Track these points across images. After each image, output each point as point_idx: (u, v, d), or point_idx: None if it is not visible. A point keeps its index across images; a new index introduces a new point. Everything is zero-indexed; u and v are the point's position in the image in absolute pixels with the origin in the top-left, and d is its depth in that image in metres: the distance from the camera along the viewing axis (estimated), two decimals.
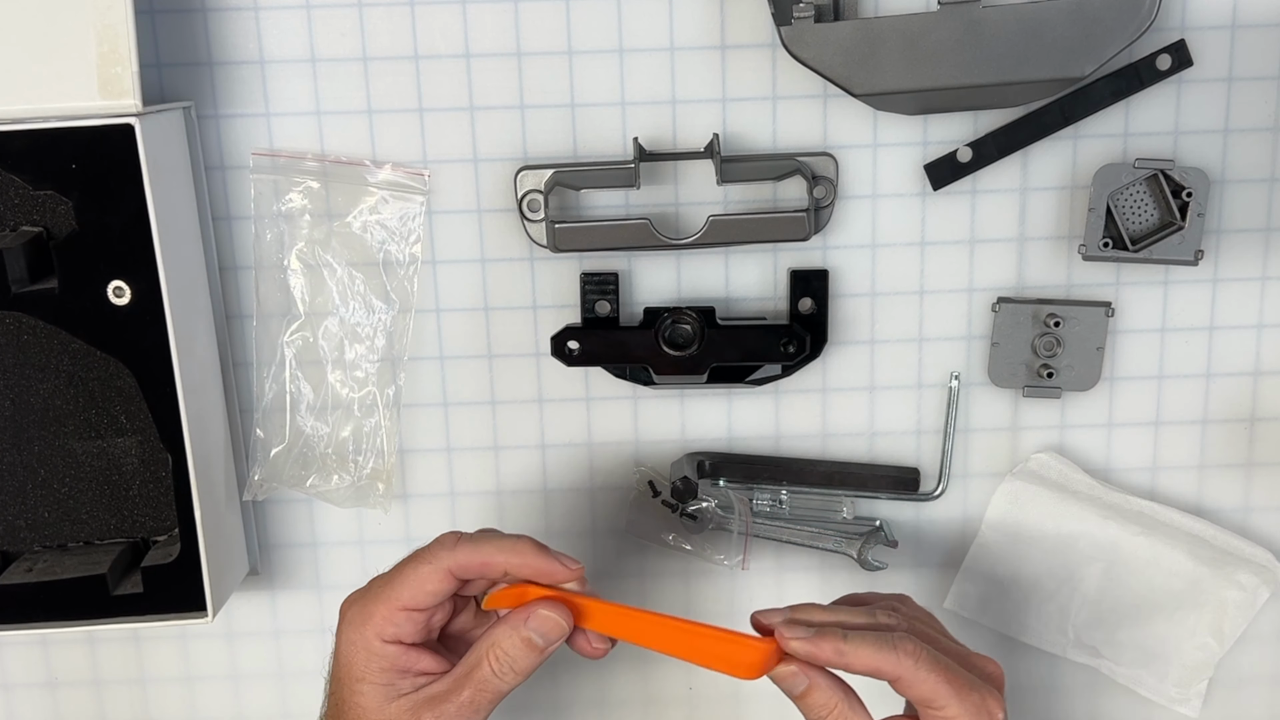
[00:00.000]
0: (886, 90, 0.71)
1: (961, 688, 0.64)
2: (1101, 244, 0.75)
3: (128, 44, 0.67)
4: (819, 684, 0.65)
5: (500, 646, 0.64)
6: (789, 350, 0.77)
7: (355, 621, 0.65)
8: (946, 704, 0.64)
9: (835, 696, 0.65)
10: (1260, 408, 0.81)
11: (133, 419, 0.76)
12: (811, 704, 0.65)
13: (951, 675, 0.64)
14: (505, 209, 0.77)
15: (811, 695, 0.65)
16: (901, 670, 0.64)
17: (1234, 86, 0.76)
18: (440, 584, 0.64)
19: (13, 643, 0.85)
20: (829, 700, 0.65)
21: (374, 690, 0.64)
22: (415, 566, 0.65)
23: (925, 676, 0.63)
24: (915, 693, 0.64)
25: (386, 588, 0.65)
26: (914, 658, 0.64)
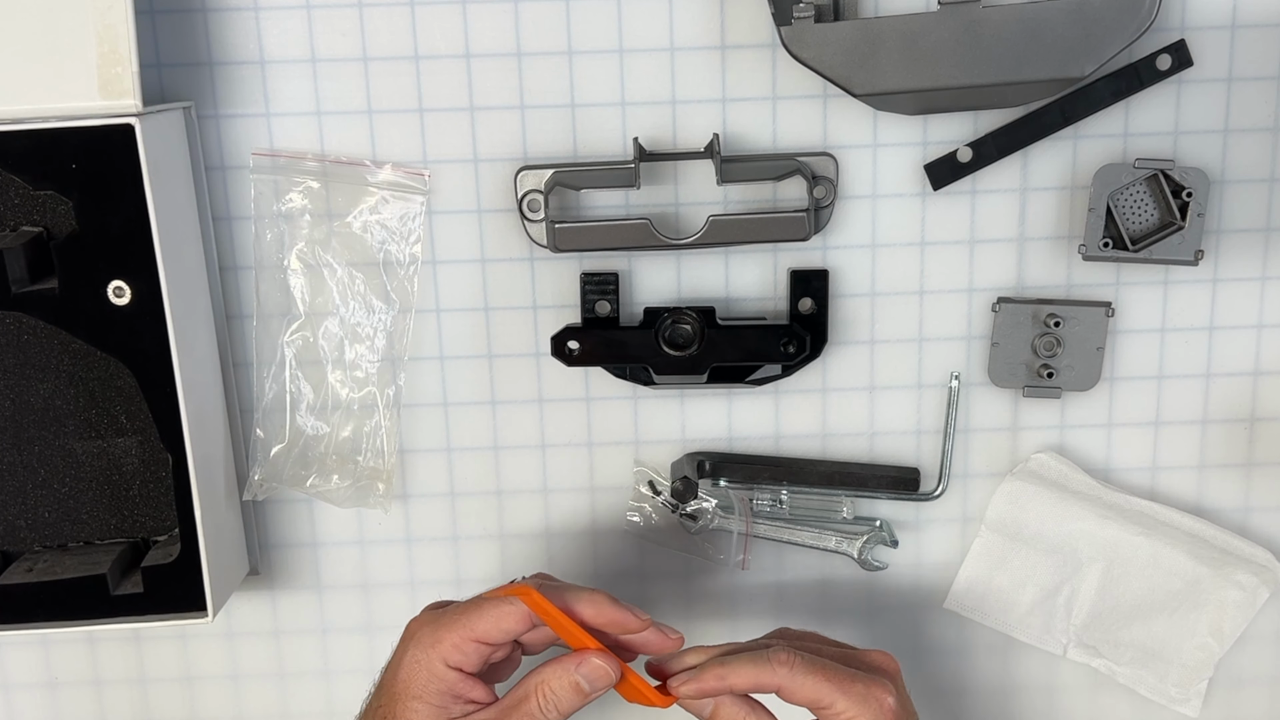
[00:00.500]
0: (886, 90, 0.71)
1: (844, 682, 0.67)
2: (1101, 244, 0.75)
3: (128, 44, 0.67)
4: (723, 702, 0.68)
5: (549, 685, 0.66)
6: (789, 350, 0.77)
7: (424, 643, 0.67)
8: (833, 701, 0.66)
9: (741, 710, 0.68)
10: (1260, 408, 0.81)
11: (133, 419, 0.76)
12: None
13: (831, 673, 0.67)
14: (505, 209, 0.77)
15: (719, 714, 0.68)
16: (780, 679, 0.66)
17: (1234, 86, 0.76)
18: (518, 624, 0.67)
19: (13, 643, 0.85)
20: (736, 713, 0.68)
21: (427, 710, 0.66)
22: (496, 605, 0.67)
23: (804, 680, 0.66)
24: (801, 697, 0.67)
25: (463, 617, 0.67)
26: (789, 665, 0.66)
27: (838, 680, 0.67)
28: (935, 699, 0.86)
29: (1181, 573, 0.80)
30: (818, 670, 0.67)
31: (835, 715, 0.66)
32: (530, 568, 0.83)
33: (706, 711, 0.69)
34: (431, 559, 0.83)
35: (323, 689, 0.86)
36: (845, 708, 0.66)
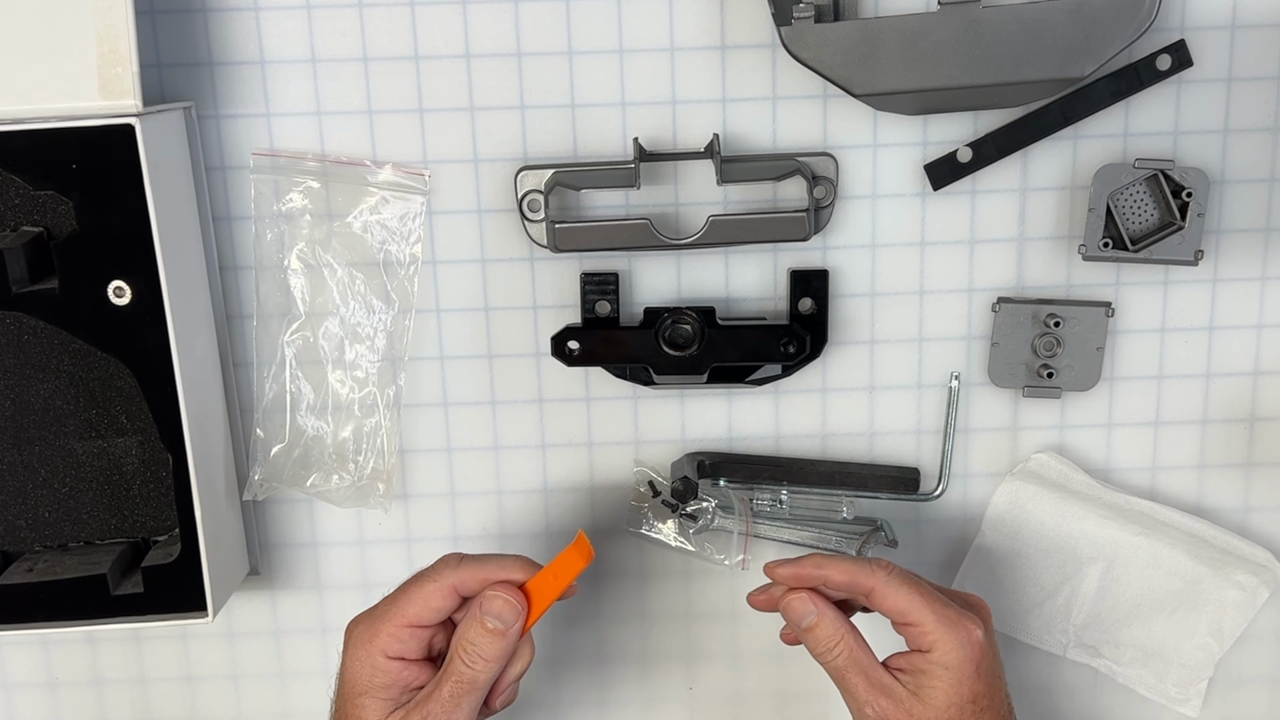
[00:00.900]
0: (886, 90, 0.71)
1: (937, 605, 0.68)
2: (1101, 244, 0.75)
3: (128, 44, 0.67)
4: (826, 616, 0.69)
5: (465, 638, 0.67)
6: (789, 350, 0.77)
7: (361, 639, 0.69)
8: (922, 619, 0.67)
9: (841, 629, 0.69)
10: (1260, 408, 0.81)
11: (133, 419, 0.76)
12: (818, 637, 0.69)
13: (927, 593, 0.68)
14: (505, 209, 0.77)
15: (819, 628, 0.69)
16: (875, 582, 0.68)
17: (1234, 87, 0.76)
18: (444, 600, 0.68)
19: (13, 643, 0.85)
20: (835, 633, 0.69)
21: (376, 705, 0.68)
22: (420, 585, 0.69)
23: (898, 589, 0.68)
24: (891, 605, 0.68)
25: (392, 606, 0.69)
26: (887, 572, 0.68)
27: (931, 601, 0.68)
28: None
29: (1181, 573, 0.80)
30: (914, 585, 0.68)
31: (923, 634, 0.67)
32: None
33: (806, 621, 0.69)
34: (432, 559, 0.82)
35: (323, 689, 0.85)
36: (932, 628, 0.67)
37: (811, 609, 0.70)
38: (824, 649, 0.69)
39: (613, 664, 0.85)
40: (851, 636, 0.69)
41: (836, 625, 0.69)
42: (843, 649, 0.69)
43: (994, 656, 0.69)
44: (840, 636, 0.69)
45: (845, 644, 0.69)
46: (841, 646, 0.69)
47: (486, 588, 0.68)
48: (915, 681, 0.68)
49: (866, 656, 0.69)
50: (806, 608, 0.70)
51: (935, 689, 0.67)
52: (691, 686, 0.86)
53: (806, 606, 0.70)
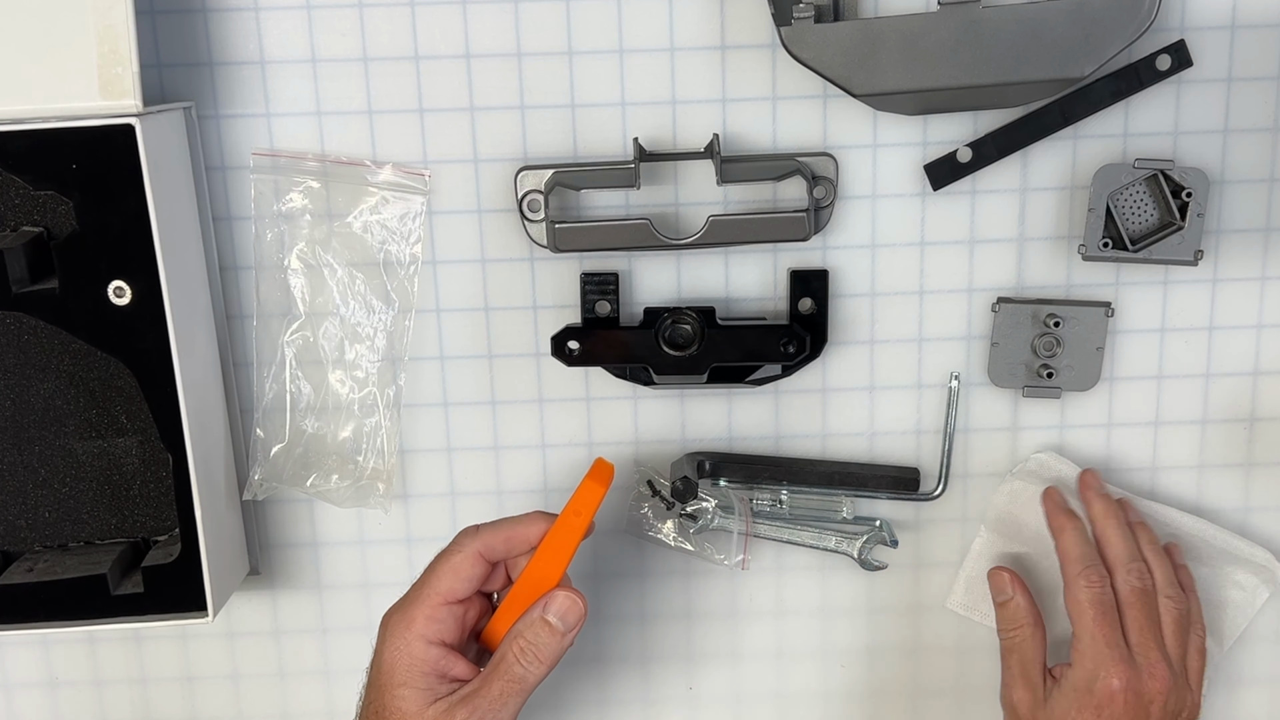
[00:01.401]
0: (886, 90, 0.71)
1: (1107, 633, 0.71)
2: (1101, 244, 0.75)
3: (128, 44, 0.67)
4: (1017, 601, 0.75)
5: (524, 636, 0.67)
6: (789, 350, 0.77)
7: (398, 629, 0.67)
8: (1080, 634, 0.72)
9: (1026, 618, 0.75)
10: (1259, 408, 0.81)
11: (133, 419, 0.76)
12: (1006, 614, 0.76)
13: (1109, 620, 0.72)
14: (505, 209, 0.77)
15: (1009, 607, 0.76)
16: (1076, 591, 0.73)
17: (1233, 87, 0.76)
18: (473, 568, 0.68)
19: (13, 642, 0.85)
20: (1018, 618, 0.75)
21: (414, 694, 0.66)
22: (446, 559, 0.69)
23: (1082, 601, 0.72)
24: (1069, 607, 0.73)
25: (424, 589, 0.68)
26: (1099, 581, 0.73)
27: (1104, 629, 0.71)
28: (935, 699, 0.86)
29: None
30: (1102, 611, 0.72)
31: (1074, 648, 0.72)
32: None
33: (1002, 597, 0.76)
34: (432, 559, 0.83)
35: (323, 689, 0.86)
36: (1083, 649, 0.71)
37: (1008, 589, 0.76)
38: (1006, 626, 0.76)
39: (613, 664, 0.85)
40: (1031, 627, 0.75)
41: (1024, 612, 0.75)
42: (1019, 635, 0.75)
43: (1126, 717, 0.70)
44: (1021, 623, 0.75)
45: (1023, 631, 0.75)
46: (1019, 632, 0.75)
47: (551, 590, 0.68)
48: (1052, 689, 0.72)
49: (1035, 649, 0.74)
50: (1004, 586, 0.76)
51: (1056, 704, 0.71)
52: (691, 686, 0.86)
53: (1004, 585, 0.76)
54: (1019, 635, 0.75)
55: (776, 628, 0.85)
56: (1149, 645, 0.71)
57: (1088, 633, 0.71)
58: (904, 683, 0.86)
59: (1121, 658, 0.70)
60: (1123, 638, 0.71)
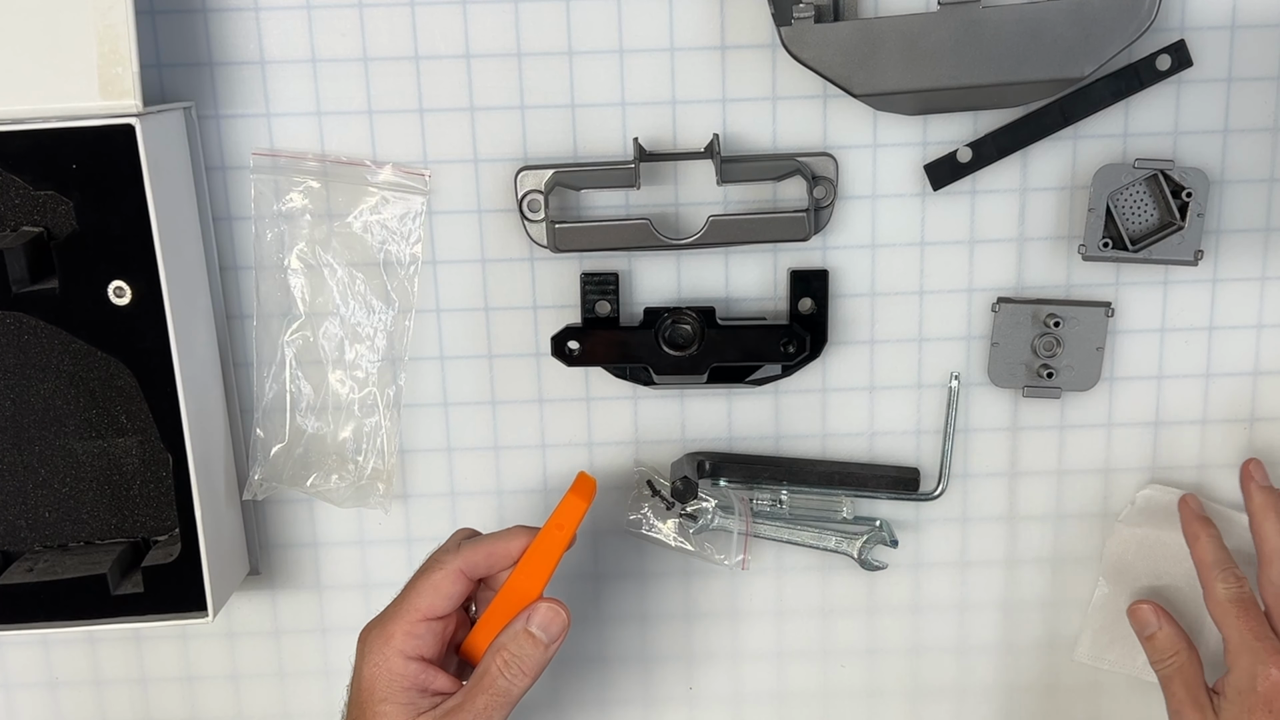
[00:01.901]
0: (886, 90, 0.71)
1: (1254, 627, 0.71)
2: (1101, 244, 0.75)
3: (128, 44, 0.67)
4: (1165, 629, 0.75)
5: (507, 649, 0.66)
6: (789, 350, 0.77)
7: (376, 644, 0.67)
8: (1228, 636, 0.71)
9: (1178, 644, 0.74)
10: (1260, 408, 0.81)
11: (133, 419, 0.76)
12: (1157, 646, 0.75)
13: (1253, 617, 0.71)
14: (505, 209, 0.77)
15: (1158, 639, 0.75)
16: (1216, 592, 0.72)
17: (1233, 87, 0.76)
18: (454, 585, 0.67)
19: (13, 643, 0.85)
20: (1171, 646, 0.74)
21: (396, 710, 0.65)
22: (427, 575, 0.68)
23: (1224, 595, 0.72)
24: (1211, 609, 0.73)
25: (403, 604, 0.67)
26: (1236, 581, 0.72)
27: (1250, 624, 0.71)
28: (934, 699, 0.86)
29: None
30: (1251, 615, 0.71)
31: (1227, 652, 0.71)
32: None
33: (1148, 631, 0.75)
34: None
35: (323, 689, 0.86)
36: (1234, 650, 0.71)
37: (1154, 621, 0.75)
38: (1159, 657, 0.75)
39: (613, 664, 0.85)
40: (1186, 651, 0.74)
41: (1174, 639, 0.75)
42: (1176, 660, 0.74)
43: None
44: (1175, 650, 0.74)
45: (1179, 657, 0.74)
46: (1175, 659, 0.74)
47: (534, 602, 0.67)
48: (1220, 704, 0.71)
49: (1194, 672, 0.73)
50: (1148, 619, 0.75)
51: (1227, 715, 0.70)
52: (691, 686, 0.86)
53: (1149, 618, 0.75)
54: (1176, 661, 0.74)
55: (776, 628, 0.85)
56: None
57: (1236, 632, 0.71)
58: (904, 683, 0.86)
59: (1275, 648, 0.70)
60: (1271, 630, 0.71)
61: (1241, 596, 0.72)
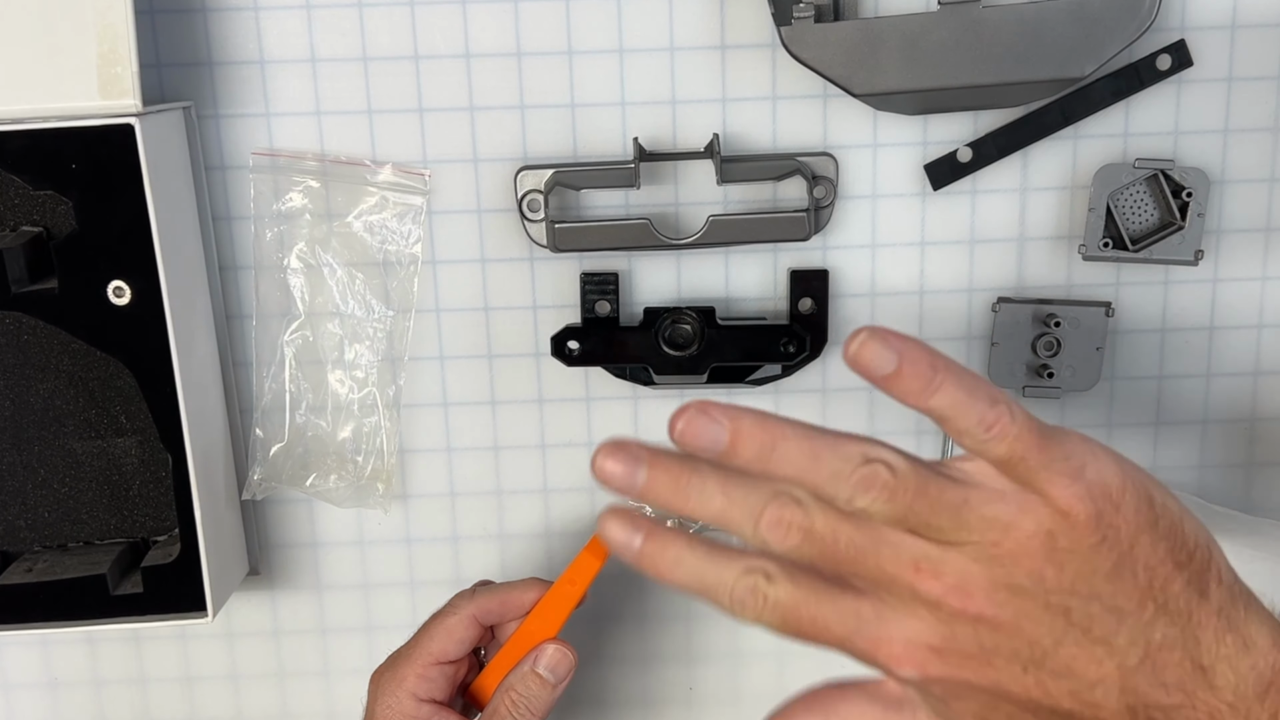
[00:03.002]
0: (886, 90, 0.71)
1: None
2: (1101, 244, 0.75)
3: (128, 44, 0.67)
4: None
5: (515, 690, 0.67)
6: (789, 350, 0.77)
7: (388, 687, 0.68)
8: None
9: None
10: (1260, 408, 0.81)
11: (133, 419, 0.76)
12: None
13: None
14: (505, 209, 0.77)
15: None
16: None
17: (1234, 86, 0.76)
18: (467, 630, 0.68)
19: (12, 643, 0.85)
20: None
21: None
22: (440, 620, 0.69)
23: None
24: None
25: (416, 647, 0.68)
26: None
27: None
28: None
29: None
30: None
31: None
32: (530, 568, 0.83)
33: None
34: (431, 559, 0.83)
35: (322, 689, 0.86)
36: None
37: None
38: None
39: (613, 664, 0.85)
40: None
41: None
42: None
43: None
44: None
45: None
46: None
47: (541, 643, 0.68)
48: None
49: None
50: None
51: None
52: (691, 687, 0.86)
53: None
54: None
55: None
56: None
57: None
58: None
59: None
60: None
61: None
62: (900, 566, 0.47)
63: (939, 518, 0.47)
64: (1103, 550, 0.48)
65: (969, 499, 0.48)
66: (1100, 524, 0.48)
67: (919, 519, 0.47)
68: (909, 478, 0.47)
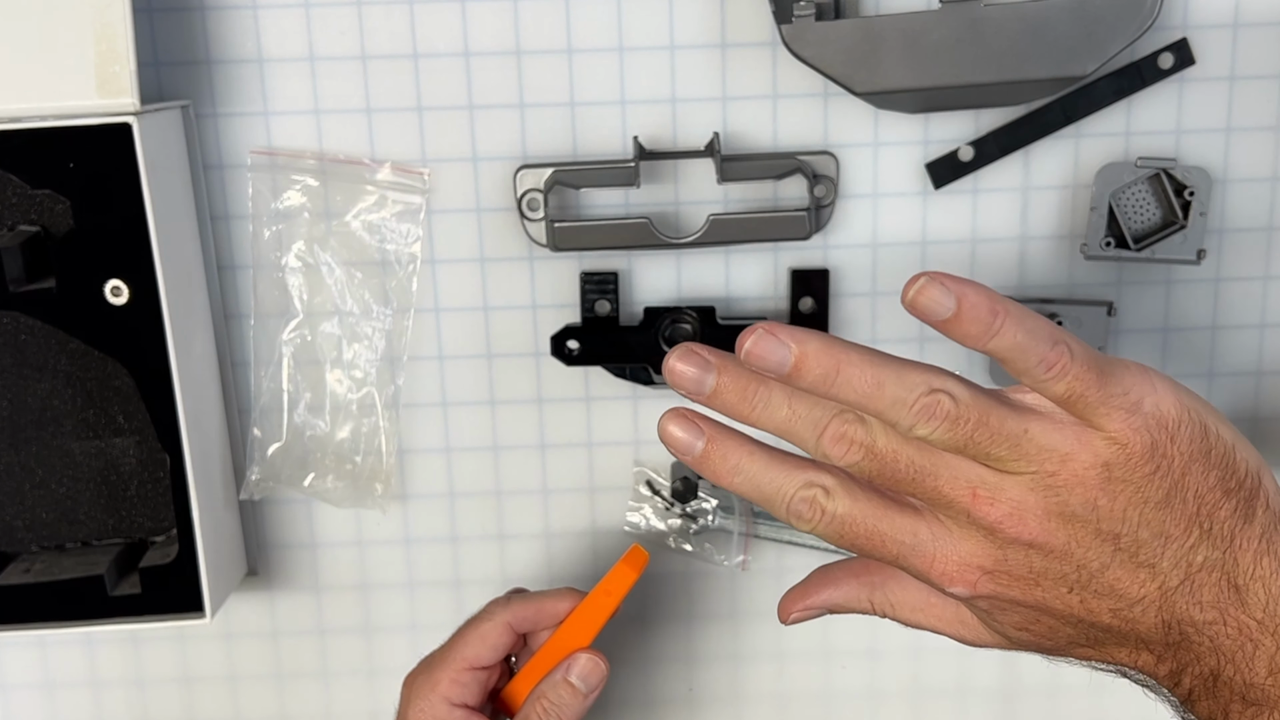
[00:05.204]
0: (888, 89, 0.71)
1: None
2: (1103, 243, 0.75)
3: (126, 43, 0.67)
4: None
5: (546, 697, 0.67)
6: None
7: (422, 690, 0.68)
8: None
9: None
10: (1263, 407, 0.81)
11: (130, 419, 0.76)
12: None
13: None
14: (505, 208, 0.77)
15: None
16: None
17: (1236, 85, 0.75)
18: (501, 637, 0.68)
19: (10, 644, 0.84)
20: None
21: None
22: (475, 626, 0.69)
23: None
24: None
25: (450, 652, 0.68)
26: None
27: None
28: (935, 699, 0.86)
29: None
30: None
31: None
32: (530, 568, 0.83)
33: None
34: (431, 560, 0.83)
35: (321, 690, 0.85)
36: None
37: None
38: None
39: (613, 664, 0.85)
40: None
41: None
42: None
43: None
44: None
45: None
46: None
47: (574, 652, 0.68)
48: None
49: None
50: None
51: None
52: (691, 687, 0.86)
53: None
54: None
55: (776, 628, 0.84)
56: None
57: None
58: (904, 683, 0.86)
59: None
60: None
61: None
62: (958, 490, 0.49)
63: (999, 447, 0.49)
64: (1155, 479, 0.49)
65: (1029, 429, 0.49)
66: (1155, 454, 0.49)
67: (979, 448, 0.49)
68: (971, 408, 0.48)
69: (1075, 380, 0.49)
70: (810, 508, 0.51)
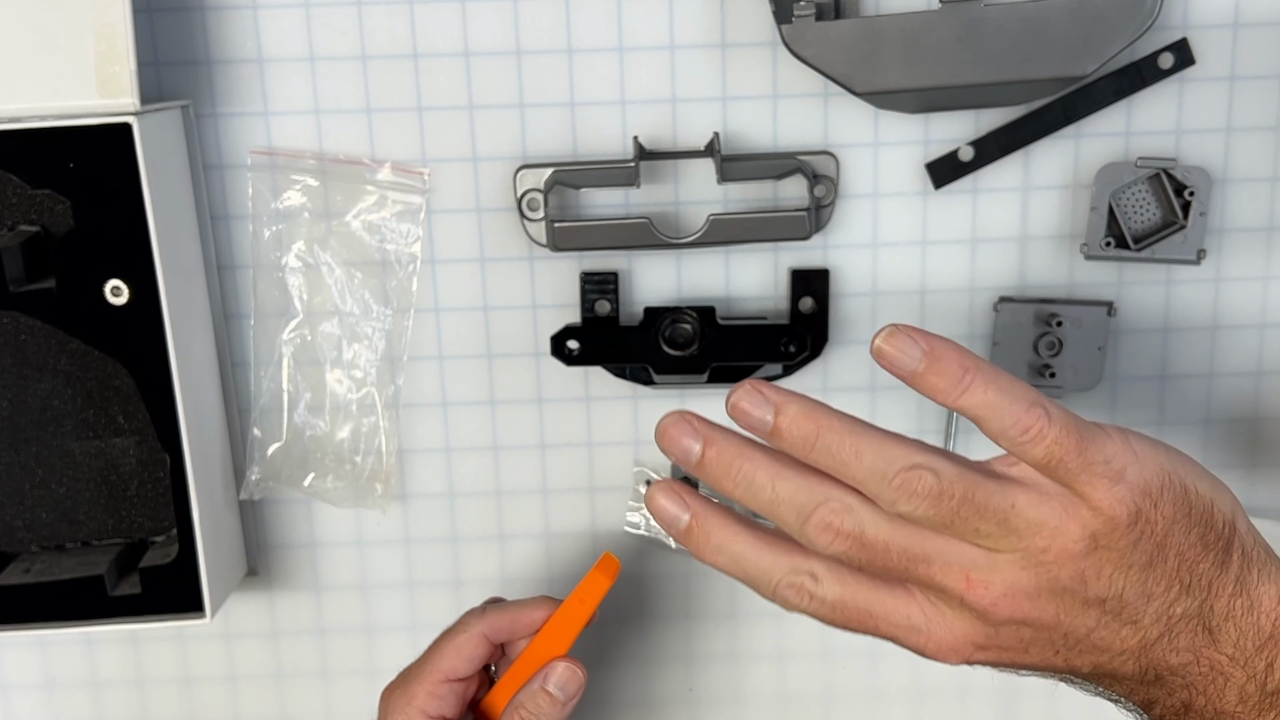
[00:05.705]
0: (888, 89, 0.71)
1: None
2: (1103, 243, 0.75)
3: (126, 42, 0.67)
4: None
5: (525, 707, 0.67)
6: (789, 350, 0.77)
7: (399, 703, 0.68)
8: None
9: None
10: (1263, 407, 0.81)
11: (130, 419, 0.76)
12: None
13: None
14: (505, 208, 0.77)
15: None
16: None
17: (1236, 85, 0.75)
18: (477, 648, 0.68)
19: (10, 644, 0.84)
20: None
21: None
22: (451, 638, 0.69)
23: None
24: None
25: (426, 665, 0.68)
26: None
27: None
28: (935, 699, 0.86)
29: None
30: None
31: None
32: (530, 568, 0.83)
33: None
34: (430, 560, 0.83)
35: (321, 690, 0.85)
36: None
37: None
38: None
39: (613, 664, 0.85)
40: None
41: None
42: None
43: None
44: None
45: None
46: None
47: (551, 661, 0.68)
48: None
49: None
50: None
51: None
52: (691, 688, 0.86)
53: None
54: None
55: (776, 628, 0.84)
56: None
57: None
58: (904, 683, 0.85)
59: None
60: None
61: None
62: (952, 578, 0.50)
63: (986, 523, 0.49)
64: (1140, 545, 0.50)
65: (1015, 503, 0.49)
66: (1139, 521, 0.50)
67: (966, 524, 0.49)
68: (955, 483, 0.49)
69: (1054, 445, 0.49)
70: (798, 594, 0.51)
